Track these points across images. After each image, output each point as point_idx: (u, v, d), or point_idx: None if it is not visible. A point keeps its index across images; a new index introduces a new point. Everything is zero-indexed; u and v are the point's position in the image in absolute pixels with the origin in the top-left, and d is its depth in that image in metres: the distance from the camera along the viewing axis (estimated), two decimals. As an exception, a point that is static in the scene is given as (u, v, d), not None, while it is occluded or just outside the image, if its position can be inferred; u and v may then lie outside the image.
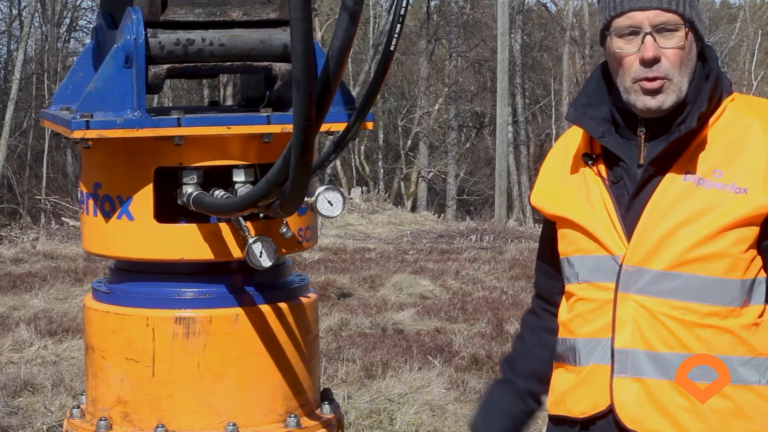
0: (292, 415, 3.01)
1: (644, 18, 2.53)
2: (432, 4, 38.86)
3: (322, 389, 3.20)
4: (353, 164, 38.27)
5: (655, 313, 2.55)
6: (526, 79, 39.08)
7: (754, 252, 2.54)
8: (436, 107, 39.02)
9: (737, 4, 48.62)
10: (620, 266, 2.58)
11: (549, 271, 2.84)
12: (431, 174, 38.00)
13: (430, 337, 9.66)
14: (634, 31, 2.54)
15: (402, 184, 38.73)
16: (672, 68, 2.52)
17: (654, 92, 2.53)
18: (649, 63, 2.52)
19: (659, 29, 2.52)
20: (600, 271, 2.62)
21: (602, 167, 2.66)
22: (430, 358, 8.65)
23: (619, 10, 2.55)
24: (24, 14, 35.69)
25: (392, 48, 2.66)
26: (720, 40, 38.27)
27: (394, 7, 2.63)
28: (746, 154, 2.53)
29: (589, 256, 2.64)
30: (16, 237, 17.44)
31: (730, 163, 2.53)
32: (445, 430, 7.11)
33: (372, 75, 2.81)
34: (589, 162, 2.67)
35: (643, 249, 2.56)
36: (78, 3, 38.62)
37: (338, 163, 35.45)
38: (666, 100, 2.54)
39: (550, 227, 2.80)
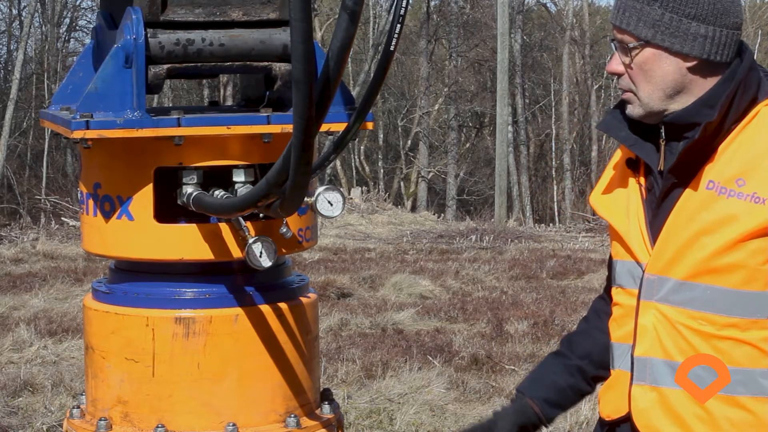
0: (292, 415, 3.01)
1: (614, 33, 2.62)
2: (432, 4, 38.87)
3: (322, 389, 3.20)
4: (353, 164, 38.28)
5: (674, 322, 2.55)
6: (526, 79, 39.08)
7: None
8: (436, 107, 39.02)
9: (737, 4, 48.55)
10: (642, 274, 2.59)
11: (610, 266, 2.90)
12: (431, 174, 38.01)
13: (430, 337, 9.66)
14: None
15: (402, 184, 38.73)
16: (632, 84, 2.59)
17: (627, 102, 2.61)
18: (614, 76, 2.63)
19: (620, 45, 2.60)
20: (629, 276, 2.65)
21: (642, 175, 2.69)
22: (430, 358, 8.65)
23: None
24: (24, 14, 35.68)
25: (392, 48, 2.66)
26: (720, 40, 38.19)
27: (394, 7, 2.63)
28: None
29: (622, 261, 2.67)
30: (16, 237, 17.44)
31: (753, 172, 2.50)
32: (445, 430, 7.12)
33: (372, 75, 2.81)
34: (633, 169, 2.70)
35: (665, 257, 2.56)
36: (78, 3, 38.65)
37: (338, 163, 35.45)
38: (633, 111, 2.60)
39: None
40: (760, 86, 2.57)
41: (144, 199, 2.90)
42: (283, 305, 3.00)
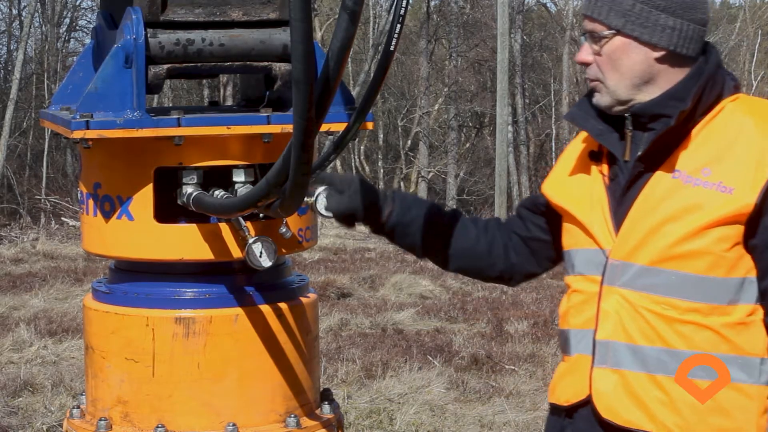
0: (292, 415, 3.01)
1: (585, 23, 2.70)
2: (432, 4, 38.86)
3: (322, 389, 3.21)
4: (353, 164, 38.27)
5: (636, 307, 2.61)
6: (526, 79, 39.08)
7: (740, 250, 2.57)
8: (436, 107, 39.02)
9: (737, 4, 48.67)
10: (606, 260, 2.64)
11: (514, 220, 2.98)
12: (431, 174, 38.01)
13: (430, 337, 9.67)
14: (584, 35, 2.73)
15: (402, 184, 38.72)
16: (599, 72, 2.66)
17: (595, 91, 2.68)
18: (582, 65, 2.71)
19: (590, 35, 2.67)
20: (591, 264, 2.70)
21: (605, 165, 2.75)
22: (430, 358, 8.65)
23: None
24: (24, 14, 35.65)
25: (392, 48, 2.68)
26: (720, 40, 38.25)
27: (394, 7, 2.64)
28: (736, 152, 2.58)
29: (583, 249, 2.73)
30: (16, 237, 17.45)
31: (719, 162, 2.58)
32: (445, 430, 7.12)
33: (372, 75, 2.81)
34: (595, 159, 2.75)
35: (629, 244, 2.62)
36: (78, 3, 38.65)
37: (338, 163, 35.44)
38: (600, 100, 2.67)
39: (545, 201, 2.88)
40: (724, 84, 2.66)
41: (144, 199, 2.90)
42: (283, 305, 3.01)
